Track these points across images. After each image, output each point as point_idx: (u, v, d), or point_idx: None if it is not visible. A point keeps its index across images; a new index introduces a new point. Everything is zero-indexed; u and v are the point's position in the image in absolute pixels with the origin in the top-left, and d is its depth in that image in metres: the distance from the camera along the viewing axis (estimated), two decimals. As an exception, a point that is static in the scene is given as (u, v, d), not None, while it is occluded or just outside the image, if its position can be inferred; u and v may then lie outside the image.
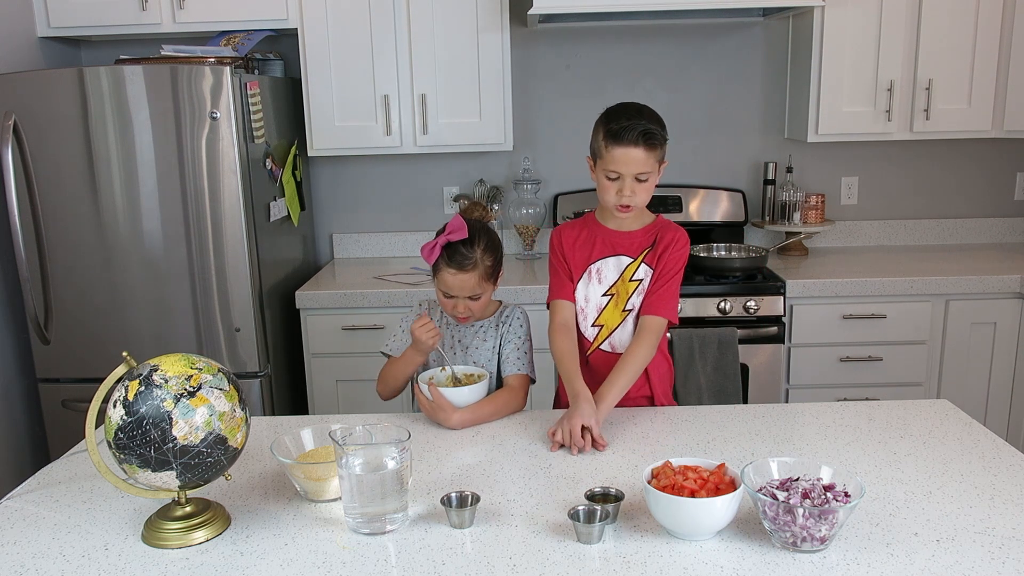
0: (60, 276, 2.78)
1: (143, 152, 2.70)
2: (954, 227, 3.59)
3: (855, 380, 3.04)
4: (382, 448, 1.40)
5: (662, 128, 1.85)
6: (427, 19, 3.08)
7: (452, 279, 1.89)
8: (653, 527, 1.35)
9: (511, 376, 1.95)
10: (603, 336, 1.97)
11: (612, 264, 1.96)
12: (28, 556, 1.33)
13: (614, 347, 1.96)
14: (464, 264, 1.88)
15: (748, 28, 3.43)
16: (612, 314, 1.96)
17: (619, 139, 1.80)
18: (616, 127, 1.81)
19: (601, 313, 1.97)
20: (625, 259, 1.95)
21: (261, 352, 2.86)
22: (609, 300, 1.96)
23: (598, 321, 1.97)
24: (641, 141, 1.79)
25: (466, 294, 1.91)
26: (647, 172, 1.82)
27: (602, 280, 1.96)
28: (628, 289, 1.95)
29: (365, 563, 1.28)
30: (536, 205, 3.46)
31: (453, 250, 1.89)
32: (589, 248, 1.97)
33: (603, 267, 1.96)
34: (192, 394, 1.28)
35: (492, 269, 1.93)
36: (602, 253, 1.96)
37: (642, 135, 1.79)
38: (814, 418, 1.83)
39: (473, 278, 1.89)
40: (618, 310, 1.96)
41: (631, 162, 1.81)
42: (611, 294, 1.96)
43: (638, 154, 1.80)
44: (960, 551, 1.27)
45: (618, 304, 1.96)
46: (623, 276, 1.95)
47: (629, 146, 1.80)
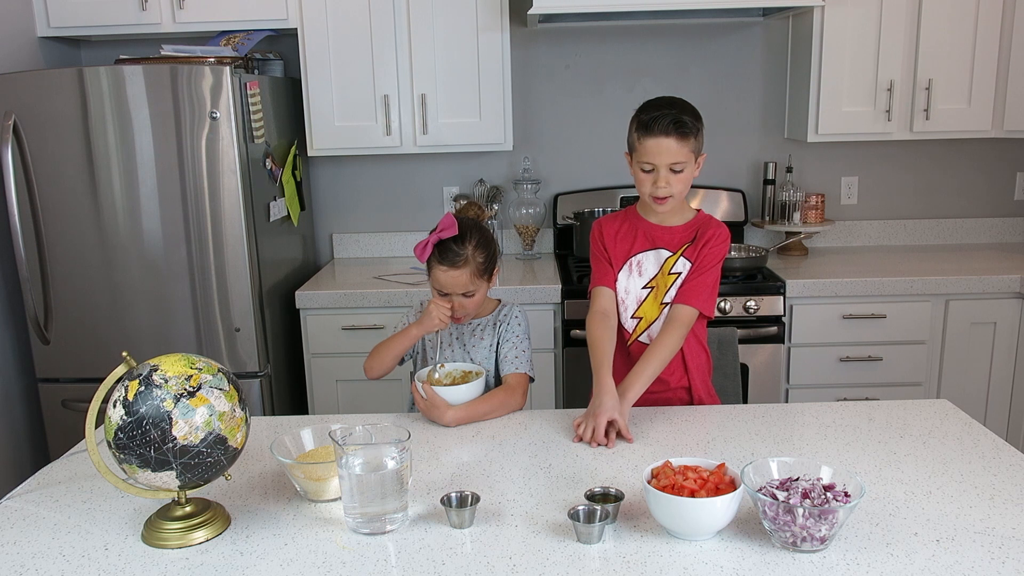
0: (60, 276, 2.78)
1: (143, 152, 2.70)
2: (954, 227, 3.59)
3: (855, 380, 3.04)
4: (382, 448, 1.40)
5: (696, 119, 1.86)
6: (427, 19, 3.08)
7: (444, 276, 1.90)
8: (653, 527, 1.35)
9: (510, 375, 1.95)
10: (642, 328, 2.00)
11: (652, 257, 1.99)
12: (28, 556, 1.33)
13: (652, 339, 1.98)
14: (455, 261, 1.89)
15: (748, 28, 3.43)
16: (651, 307, 1.99)
17: (650, 129, 1.83)
18: (647, 118, 1.84)
19: (640, 305, 1.99)
20: (665, 252, 1.98)
21: (261, 352, 2.86)
22: (649, 293, 1.99)
23: (637, 313, 2.00)
24: (672, 130, 1.82)
25: (459, 291, 1.91)
26: (681, 163, 1.85)
27: (642, 273, 1.99)
28: (667, 282, 1.97)
29: (365, 563, 1.28)
30: (536, 205, 3.46)
31: (444, 247, 1.90)
32: (630, 241, 2.00)
33: (643, 260, 1.99)
34: (192, 394, 1.28)
35: (484, 266, 1.93)
36: (643, 246, 1.99)
37: (673, 124, 1.82)
38: (814, 418, 1.83)
39: (465, 275, 1.90)
40: (657, 303, 1.98)
41: (663, 152, 1.83)
42: (651, 287, 1.98)
43: (670, 144, 1.83)
44: (960, 551, 1.27)
45: (657, 297, 1.98)
46: (662, 269, 1.97)
47: (660, 136, 1.83)
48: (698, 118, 1.88)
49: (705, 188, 3.46)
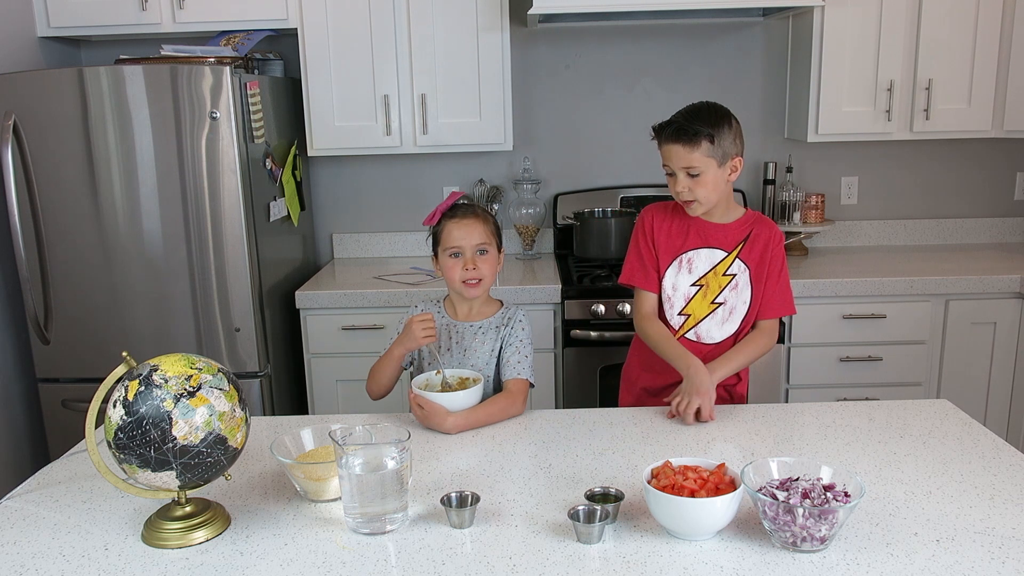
0: (60, 276, 2.78)
1: (143, 152, 2.70)
2: (954, 227, 3.59)
3: (855, 380, 3.04)
4: (382, 448, 1.40)
5: (712, 125, 1.87)
6: (427, 19, 3.08)
7: (458, 228, 1.92)
8: (653, 527, 1.35)
9: (511, 380, 1.92)
10: (689, 325, 2.01)
11: (704, 255, 2.00)
12: (28, 556, 1.33)
13: (700, 337, 2.00)
14: (468, 212, 1.94)
15: (748, 28, 3.43)
16: (700, 304, 2.00)
17: (658, 136, 1.93)
18: (659, 125, 1.92)
19: (689, 303, 2.00)
20: (718, 252, 1.99)
21: (261, 352, 2.86)
22: (698, 291, 2.00)
23: (685, 310, 2.00)
24: (678, 137, 1.87)
25: (474, 242, 1.92)
26: (695, 167, 1.87)
27: (692, 270, 2.00)
28: (721, 283, 1.99)
29: (365, 563, 1.28)
30: (536, 205, 3.46)
31: (455, 207, 1.96)
32: (682, 237, 2.01)
33: (695, 257, 2.00)
34: (192, 394, 1.28)
35: (495, 228, 1.98)
36: (695, 243, 2.00)
37: (677, 131, 1.87)
38: (814, 418, 1.83)
39: (479, 225, 1.93)
40: (707, 301, 1.99)
41: (673, 157, 1.89)
42: (700, 284, 1.99)
43: (677, 150, 1.87)
44: (960, 551, 1.27)
45: (707, 295, 1.99)
46: (715, 269, 1.98)
47: (667, 143, 1.90)
48: (716, 124, 1.87)
49: (705, 188, 3.46)
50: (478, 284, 1.94)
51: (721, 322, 2.01)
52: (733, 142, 1.91)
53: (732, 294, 2.00)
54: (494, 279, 1.99)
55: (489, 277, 1.96)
